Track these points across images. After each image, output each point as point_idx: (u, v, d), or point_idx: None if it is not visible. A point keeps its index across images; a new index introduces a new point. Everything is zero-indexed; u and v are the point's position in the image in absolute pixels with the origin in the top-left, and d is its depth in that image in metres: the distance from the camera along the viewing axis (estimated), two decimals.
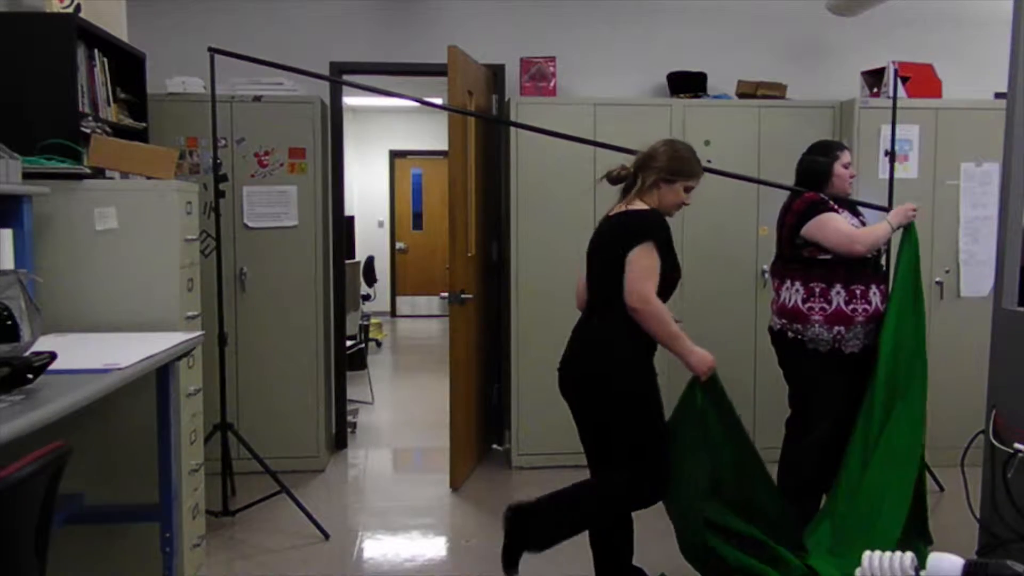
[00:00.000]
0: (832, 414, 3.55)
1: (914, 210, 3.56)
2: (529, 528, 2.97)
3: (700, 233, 4.81)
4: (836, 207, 3.59)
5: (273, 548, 3.77)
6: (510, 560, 2.96)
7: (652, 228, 2.91)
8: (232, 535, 3.90)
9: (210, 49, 3.78)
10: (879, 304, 3.51)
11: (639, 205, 2.98)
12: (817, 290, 3.51)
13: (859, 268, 3.51)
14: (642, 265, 2.86)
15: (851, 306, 3.48)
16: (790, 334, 3.59)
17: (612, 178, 3.09)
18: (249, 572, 3.55)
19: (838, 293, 3.49)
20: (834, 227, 3.49)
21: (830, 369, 3.54)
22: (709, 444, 3.05)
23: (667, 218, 3.03)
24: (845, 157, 3.68)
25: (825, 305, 3.50)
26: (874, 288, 3.53)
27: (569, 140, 3.93)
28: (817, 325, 3.50)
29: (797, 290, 3.56)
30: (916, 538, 3.40)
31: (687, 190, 3.04)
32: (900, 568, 1.55)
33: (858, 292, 3.49)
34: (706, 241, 4.81)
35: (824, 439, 3.57)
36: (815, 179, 3.66)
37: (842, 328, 3.48)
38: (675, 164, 3.00)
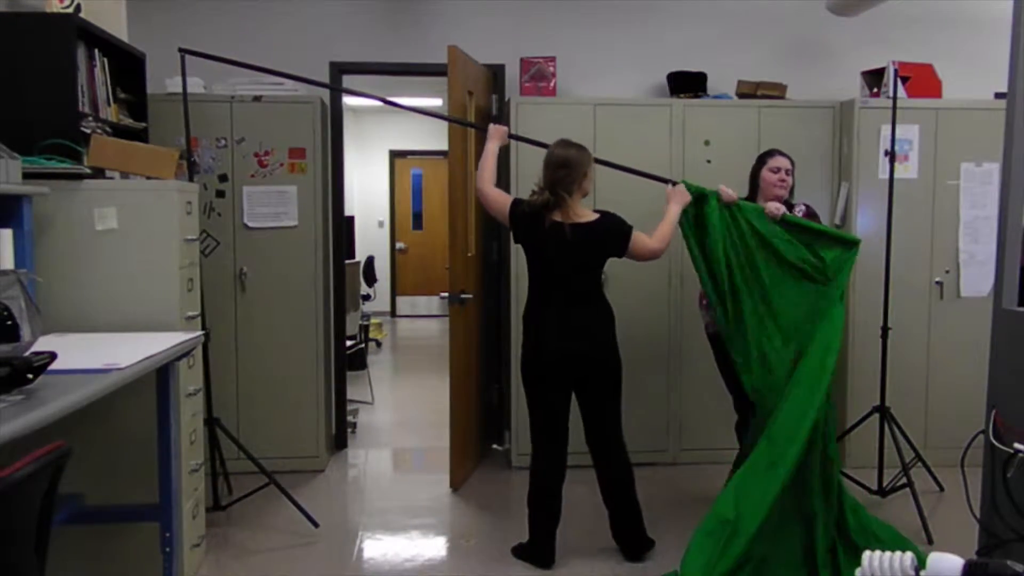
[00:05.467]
0: (729, 387, 4.16)
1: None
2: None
3: None
4: None
5: (273, 548, 3.77)
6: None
7: (624, 221, 3.60)
8: (231, 535, 3.90)
9: (180, 50, 3.82)
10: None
11: (585, 208, 3.57)
12: None
13: None
14: (643, 239, 3.59)
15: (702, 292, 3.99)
16: None
17: (539, 206, 3.50)
18: (249, 572, 3.54)
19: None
20: None
21: (713, 346, 4.20)
22: None
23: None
24: (773, 162, 4.01)
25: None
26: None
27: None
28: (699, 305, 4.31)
29: None
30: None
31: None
32: (900, 568, 1.55)
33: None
34: None
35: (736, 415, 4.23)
36: (749, 184, 4.08)
37: (701, 310, 4.28)
38: (587, 161, 3.55)
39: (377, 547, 3.83)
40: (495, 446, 5.26)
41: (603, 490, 3.68)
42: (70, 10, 3.47)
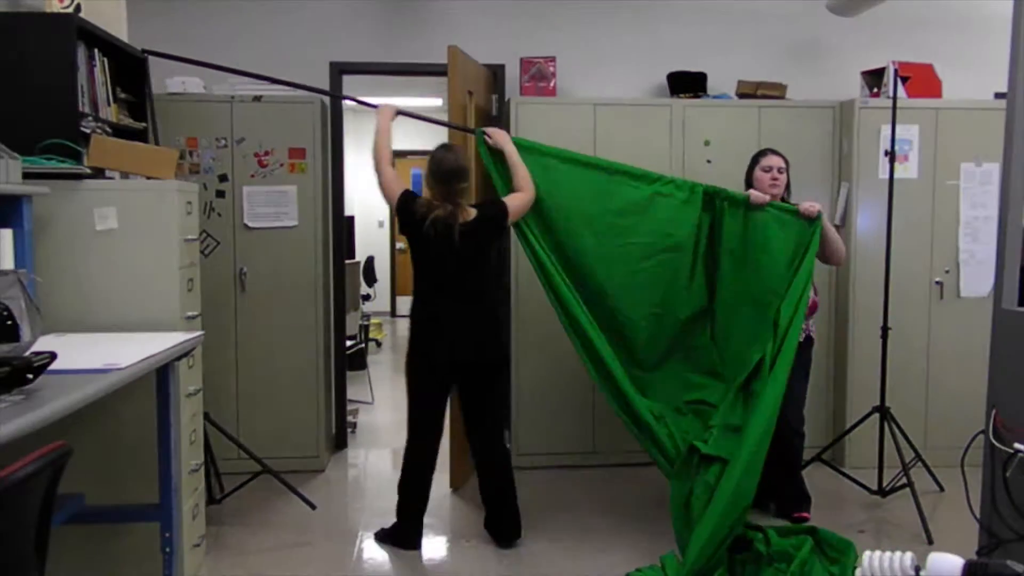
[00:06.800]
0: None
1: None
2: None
3: None
4: None
5: (272, 547, 3.77)
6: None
7: (496, 200, 3.76)
8: (231, 534, 3.89)
9: (144, 51, 3.82)
10: None
11: (468, 205, 3.65)
12: None
13: None
14: (515, 199, 3.73)
15: None
16: None
17: (443, 219, 3.53)
18: (248, 572, 3.54)
19: None
20: None
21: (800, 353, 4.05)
22: None
23: None
24: (765, 161, 4.02)
25: None
26: None
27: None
28: None
29: None
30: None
31: None
32: (900, 568, 1.56)
33: None
34: None
35: None
36: (744, 185, 4.07)
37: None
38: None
39: (377, 547, 3.83)
40: None
41: (482, 485, 3.81)
42: (70, 10, 3.47)
